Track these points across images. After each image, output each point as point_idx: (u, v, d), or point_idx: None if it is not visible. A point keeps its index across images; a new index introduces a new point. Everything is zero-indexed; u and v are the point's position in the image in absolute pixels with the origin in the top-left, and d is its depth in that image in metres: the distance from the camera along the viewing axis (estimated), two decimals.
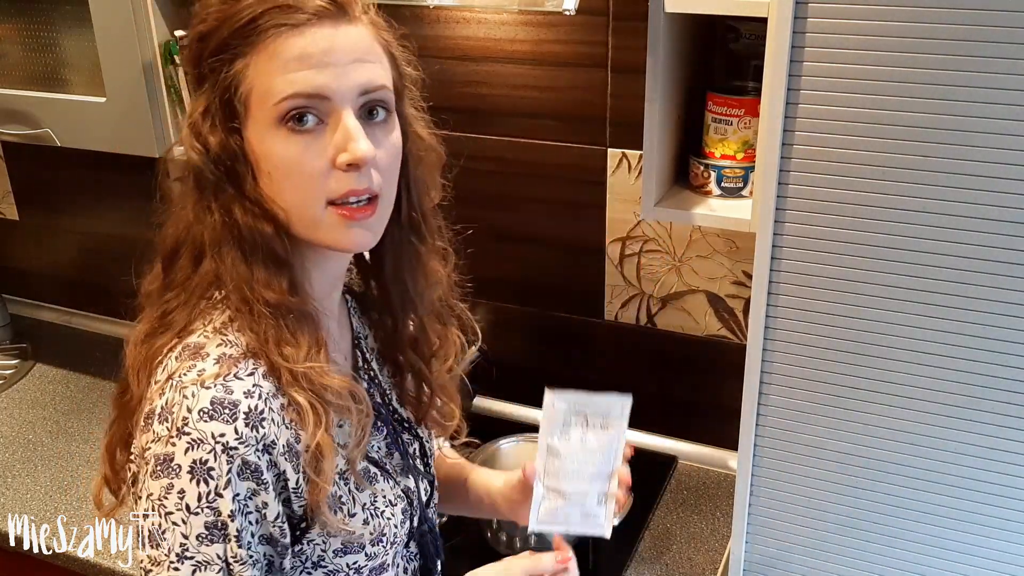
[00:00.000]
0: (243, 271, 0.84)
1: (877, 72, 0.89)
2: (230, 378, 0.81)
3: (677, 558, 1.45)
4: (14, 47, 1.62)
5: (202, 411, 0.79)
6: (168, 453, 0.79)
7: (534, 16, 1.52)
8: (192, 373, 0.81)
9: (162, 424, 0.80)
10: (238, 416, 0.80)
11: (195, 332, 0.85)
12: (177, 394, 0.80)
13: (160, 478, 0.79)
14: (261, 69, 0.80)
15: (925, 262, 0.93)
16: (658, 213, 1.33)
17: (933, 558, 1.04)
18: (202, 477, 0.79)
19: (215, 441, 0.79)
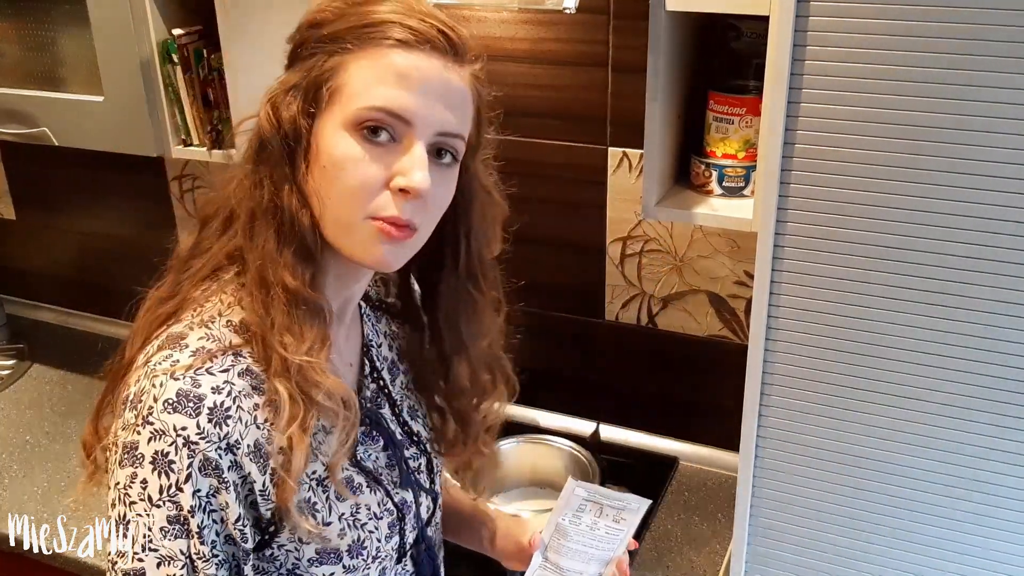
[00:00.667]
0: (272, 251, 0.83)
1: (879, 71, 0.88)
2: (201, 372, 0.80)
3: (678, 559, 1.45)
4: (12, 46, 1.61)
5: (167, 402, 0.79)
6: (133, 441, 0.79)
7: (534, 15, 1.52)
8: (166, 362, 0.81)
9: (131, 411, 0.80)
10: (201, 411, 0.79)
11: (182, 321, 0.85)
12: (148, 382, 0.80)
13: (126, 467, 0.79)
14: (361, 71, 0.81)
15: (927, 262, 0.93)
16: (659, 213, 1.33)
17: (933, 558, 1.04)
18: (163, 469, 0.78)
19: (176, 434, 0.78)
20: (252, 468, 0.82)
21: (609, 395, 1.74)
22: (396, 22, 0.82)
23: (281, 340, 0.82)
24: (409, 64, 0.82)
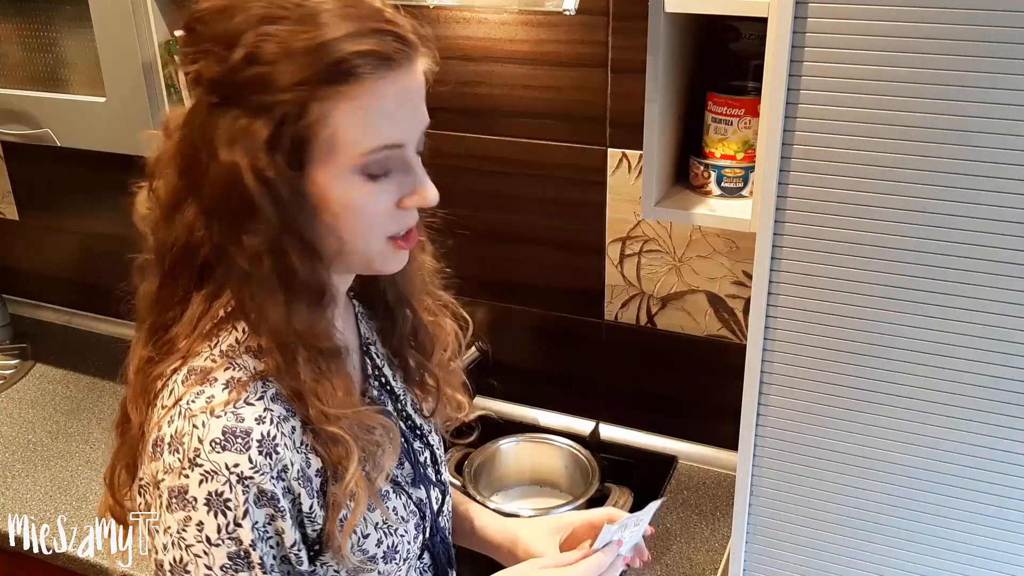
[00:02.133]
0: (281, 313, 0.80)
1: (877, 72, 0.89)
2: (240, 405, 0.79)
3: (677, 558, 1.45)
4: (14, 47, 1.62)
5: (214, 441, 0.77)
6: (182, 485, 0.78)
7: (534, 16, 1.52)
8: (200, 400, 0.79)
9: (173, 455, 0.78)
10: (251, 445, 0.78)
11: (201, 354, 0.83)
12: (187, 423, 0.78)
13: (176, 511, 0.78)
14: (348, 117, 0.77)
15: (925, 262, 0.93)
16: (658, 213, 1.33)
17: (933, 558, 1.04)
18: (219, 509, 0.77)
19: (229, 472, 0.77)
20: (302, 491, 0.82)
21: (609, 395, 1.74)
22: (355, 51, 0.76)
23: (315, 393, 0.82)
24: (388, 91, 0.78)
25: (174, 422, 0.79)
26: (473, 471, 1.48)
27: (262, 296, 0.81)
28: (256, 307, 0.81)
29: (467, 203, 1.71)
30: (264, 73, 0.75)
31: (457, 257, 1.75)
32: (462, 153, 1.67)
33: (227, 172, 0.77)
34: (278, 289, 0.80)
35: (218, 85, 0.77)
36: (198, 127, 0.79)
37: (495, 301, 1.76)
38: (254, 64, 0.75)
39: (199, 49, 0.78)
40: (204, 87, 0.78)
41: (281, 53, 0.75)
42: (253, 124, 0.76)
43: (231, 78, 0.76)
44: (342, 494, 0.83)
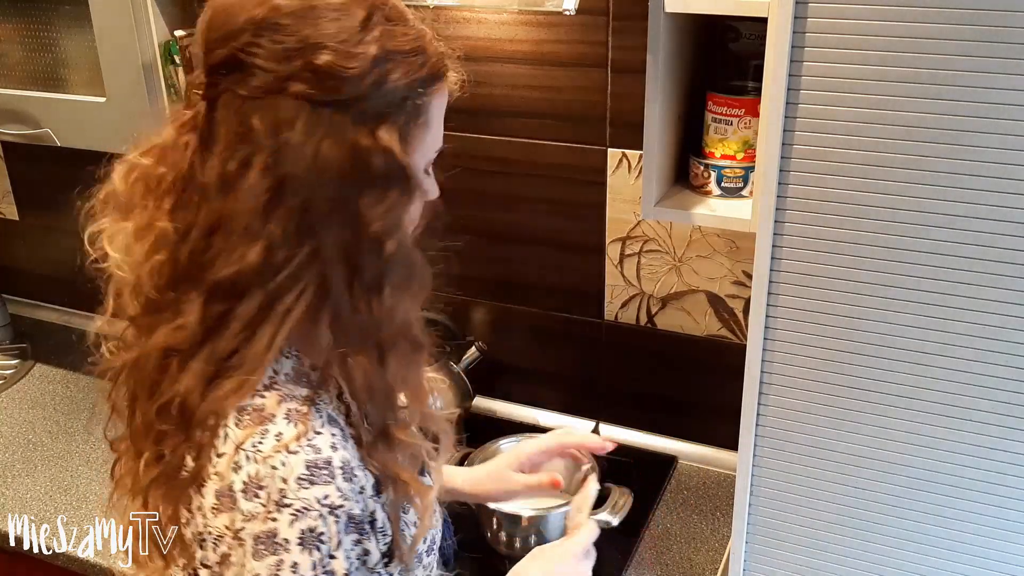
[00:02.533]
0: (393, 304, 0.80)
1: (877, 72, 0.89)
2: (312, 436, 0.78)
3: (677, 558, 1.45)
4: (14, 47, 1.62)
5: (300, 478, 0.76)
6: (270, 530, 0.75)
7: (534, 16, 1.52)
8: (269, 440, 0.77)
9: (252, 501, 0.76)
10: (335, 474, 0.77)
11: (244, 393, 0.79)
12: (262, 466, 0.76)
13: (265, 557, 0.75)
14: (436, 112, 0.84)
15: (925, 262, 0.93)
16: (658, 213, 1.33)
17: (933, 558, 1.04)
18: (313, 546, 0.76)
19: (320, 506, 0.76)
20: (376, 507, 0.82)
21: (609, 394, 1.74)
22: (441, 52, 0.84)
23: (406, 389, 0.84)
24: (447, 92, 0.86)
25: (242, 468, 0.77)
26: None
27: (370, 288, 0.79)
28: (356, 304, 0.79)
29: (467, 203, 1.71)
30: (397, 68, 0.79)
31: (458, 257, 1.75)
32: (462, 153, 1.67)
33: (371, 157, 0.77)
34: (396, 275, 0.80)
35: (345, 81, 0.76)
36: (309, 123, 0.76)
37: (495, 301, 1.76)
38: (388, 60, 0.78)
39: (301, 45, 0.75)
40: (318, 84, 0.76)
41: (408, 50, 0.79)
42: (394, 112, 0.79)
43: (365, 74, 0.77)
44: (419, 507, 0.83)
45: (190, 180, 0.80)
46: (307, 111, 0.76)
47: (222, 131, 0.78)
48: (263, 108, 0.76)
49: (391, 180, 0.78)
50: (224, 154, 0.77)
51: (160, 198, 0.81)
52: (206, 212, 0.78)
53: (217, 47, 0.77)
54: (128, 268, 0.83)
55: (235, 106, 0.77)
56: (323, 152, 0.76)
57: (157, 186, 0.82)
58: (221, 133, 0.78)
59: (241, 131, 0.77)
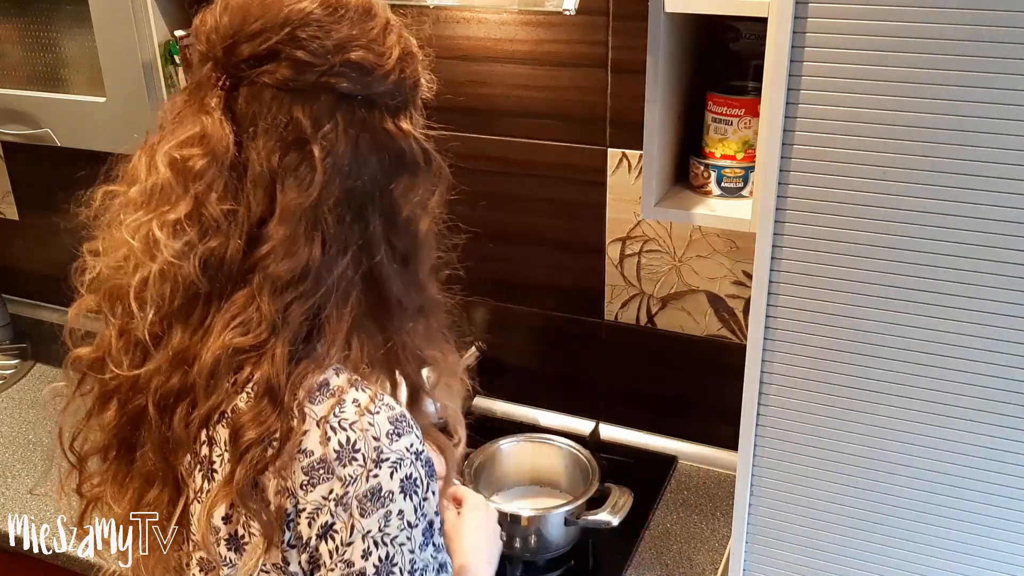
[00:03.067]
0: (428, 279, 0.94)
1: (877, 72, 0.89)
2: (381, 395, 0.84)
3: (677, 558, 1.45)
4: (14, 47, 1.62)
5: (389, 433, 0.81)
6: (373, 486, 0.80)
7: (534, 16, 1.52)
8: (349, 408, 0.81)
9: (349, 466, 0.79)
10: (412, 424, 0.83)
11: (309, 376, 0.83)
12: (352, 432, 0.80)
13: (373, 512, 0.79)
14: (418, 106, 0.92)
15: (925, 262, 0.93)
16: (658, 213, 1.33)
17: (933, 558, 1.04)
18: (411, 492, 0.81)
19: (410, 453, 0.82)
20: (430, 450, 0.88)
21: (609, 394, 1.74)
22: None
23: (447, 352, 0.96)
24: None
25: (332, 438, 0.80)
26: (473, 471, 1.48)
27: (410, 264, 0.88)
28: (401, 281, 0.87)
29: (467, 203, 1.71)
30: (414, 65, 0.88)
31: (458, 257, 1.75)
32: (462, 153, 1.66)
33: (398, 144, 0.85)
34: (427, 249, 0.90)
35: (379, 77, 0.84)
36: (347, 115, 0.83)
37: (495, 301, 1.76)
38: (408, 58, 0.87)
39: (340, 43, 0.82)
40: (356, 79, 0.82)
41: (409, 52, 0.88)
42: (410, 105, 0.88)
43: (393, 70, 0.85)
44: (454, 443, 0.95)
45: (233, 168, 0.82)
46: (344, 104, 0.82)
47: (261, 122, 0.81)
48: (304, 100, 0.81)
49: (419, 165, 0.87)
50: (270, 144, 0.81)
51: (207, 186, 0.82)
52: (257, 202, 0.82)
53: (248, 40, 0.81)
54: (170, 256, 0.82)
55: (266, 97, 0.81)
56: (362, 142, 0.83)
57: (201, 175, 0.82)
58: (260, 124, 0.81)
59: (284, 123, 0.81)
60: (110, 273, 0.87)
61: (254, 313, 0.81)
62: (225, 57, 0.82)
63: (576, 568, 1.45)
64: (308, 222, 0.81)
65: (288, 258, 0.81)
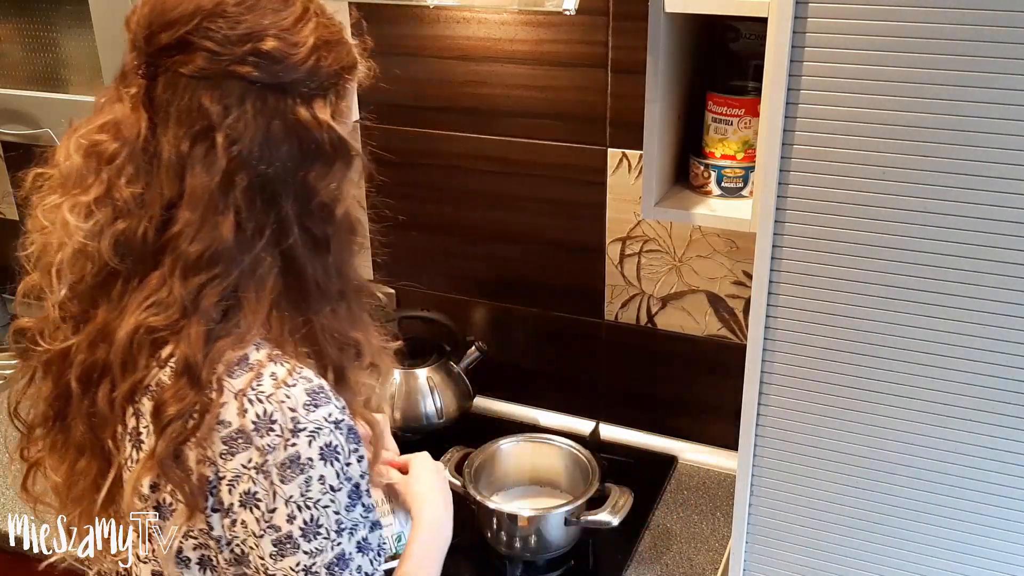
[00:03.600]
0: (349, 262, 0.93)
1: (877, 72, 0.89)
2: (300, 368, 0.86)
3: (677, 558, 1.45)
4: (14, 47, 1.62)
5: (306, 404, 0.84)
6: (291, 455, 0.83)
7: (534, 16, 1.52)
8: (267, 381, 0.84)
9: (267, 436, 0.83)
10: (330, 394, 0.86)
11: (225, 351, 0.86)
12: (268, 404, 0.83)
13: (294, 479, 0.83)
14: (350, 96, 0.92)
15: (925, 262, 0.93)
16: (658, 213, 1.33)
17: (933, 558, 1.04)
18: (332, 458, 0.84)
19: (328, 422, 0.84)
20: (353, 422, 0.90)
21: (609, 394, 1.74)
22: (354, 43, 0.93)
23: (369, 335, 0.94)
24: None
25: (248, 411, 0.83)
26: (473, 471, 1.48)
27: (326, 249, 0.89)
28: (316, 265, 0.88)
29: (467, 203, 1.71)
30: (331, 56, 0.87)
31: (458, 257, 1.76)
32: (462, 153, 1.67)
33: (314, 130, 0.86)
34: (344, 236, 0.91)
35: (290, 67, 0.84)
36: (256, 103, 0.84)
37: (495, 301, 1.76)
38: (324, 48, 0.86)
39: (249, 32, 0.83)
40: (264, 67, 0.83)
41: (337, 41, 0.88)
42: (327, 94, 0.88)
43: (306, 60, 0.85)
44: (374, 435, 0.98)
45: (144, 153, 0.86)
46: (254, 92, 0.83)
47: (172, 109, 0.84)
48: (212, 88, 0.83)
49: (333, 153, 0.87)
50: (179, 131, 0.84)
51: (118, 169, 0.87)
52: (167, 187, 0.85)
53: (164, 31, 0.84)
54: (80, 237, 0.88)
55: (180, 85, 0.84)
56: (272, 129, 0.84)
57: (113, 158, 0.87)
58: (172, 111, 0.84)
59: (193, 110, 0.83)
60: (40, 251, 0.93)
61: (166, 294, 0.85)
62: (145, 46, 0.85)
63: (576, 568, 1.45)
64: (217, 206, 0.83)
65: (198, 241, 0.84)
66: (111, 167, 0.87)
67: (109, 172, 0.87)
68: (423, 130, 1.67)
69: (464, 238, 1.74)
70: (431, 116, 1.66)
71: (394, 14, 1.62)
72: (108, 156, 0.87)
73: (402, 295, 1.85)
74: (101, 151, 0.88)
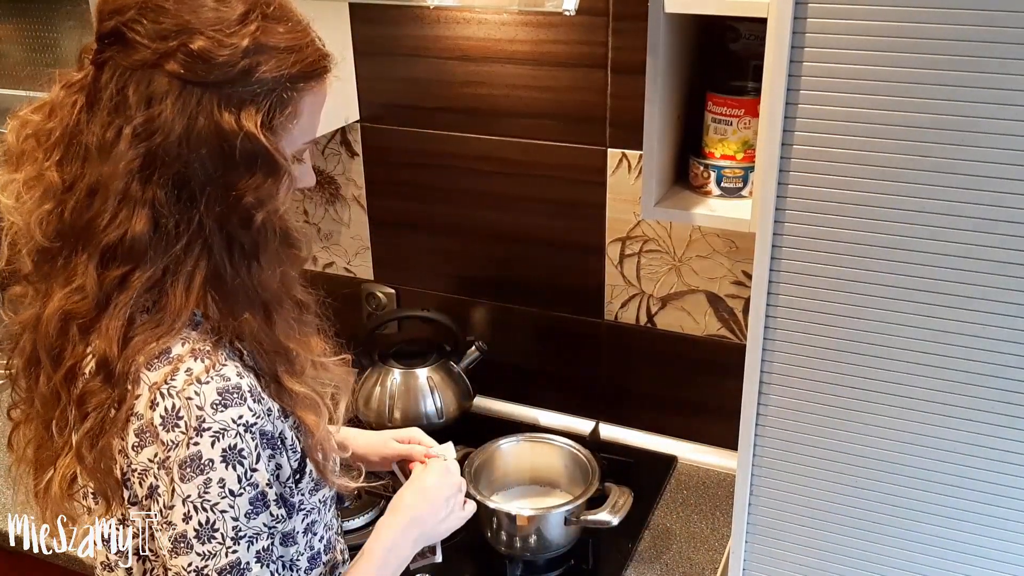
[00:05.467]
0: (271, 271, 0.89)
1: (877, 72, 0.89)
2: (219, 367, 0.85)
3: (677, 557, 1.46)
4: (14, 47, 1.62)
5: (214, 403, 0.83)
6: (193, 453, 0.83)
7: (534, 16, 1.52)
8: (180, 376, 0.84)
9: (172, 431, 0.83)
10: (245, 396, 0.85)
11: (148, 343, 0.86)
12: (177, 399, 0.83)
13: (193, 479, 0.83)
14: (308, 109, 0.89)
15: (925, 262, 0.93)
16: (658, 213, 1.33)
17: (933, 558, 1.05)
18: (235, 462, 0.83)
19: (236, 425, 0.84)
20: (283, 427, 0.89)
21: (608, 394, 1.75)
22: (321, 54, 0.89)
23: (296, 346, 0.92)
24: (326, 92, 0.92)
25: (159, 404, 0.83)
26: (473, 471, 1.48)
27: (247, 256, 0.87)
28: (237, 270, 0.86)
29: (467, 203, 1.71)
30: (268, 61, 0.84)
31: (458, 257, 1.76)
32: (462, 153, 1.67)
33: (236, 138, 0.83)
34: (277, 250, 0.88)
35: (216, 66, 0.82)
36: (179, 101, 0.82)
37: (495, 301, 1.77)
38: (261, 52, 0.84)
39: (178, 28, 0.82)
40: (190, 66, 0.82)
41: (282, 47, 0.85)
42: (259, 100, 0.84)
43: (235, 62, 0.83)
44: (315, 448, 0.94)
45: (74, 137, 0.86)
46: (178, 89, 0.82)
47: (104, 96, 0.84)
48: (137, 80, 0.83)
49: (255, 161, 0.85)
50: (103, 119, 0.84)
51: (49, 151, 0.87)
52: (88, 172, 0.85)
53: (106, 19, 0.84)
54: (19, 216, 0.89)
55: (116, 74, 0.84)
56: (193, 128, 0.82)
57: (46, 140, 0.88)
58: (103, 98, 0.84)
59: (118, 99, 0.83)
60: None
61: (85, 281, 0.85)
62: (96, 33, 0.86)
63: (576, 568, 1.45)
64: (133, 197, 0.83)
65: (113, 229, 0.84)
66: (39, 149, 0.88)
67: (37, 154, 0.88)
68: (423, 130, 1.67)
69: (464, 238, 1.74)
70: (431, 116, 1.66)
71: (394, 14, 1.62)
72: (37, 138, 0.88)
73: (402, 295, 1.85)
74: (31, 133, 0.89)
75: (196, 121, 0.82)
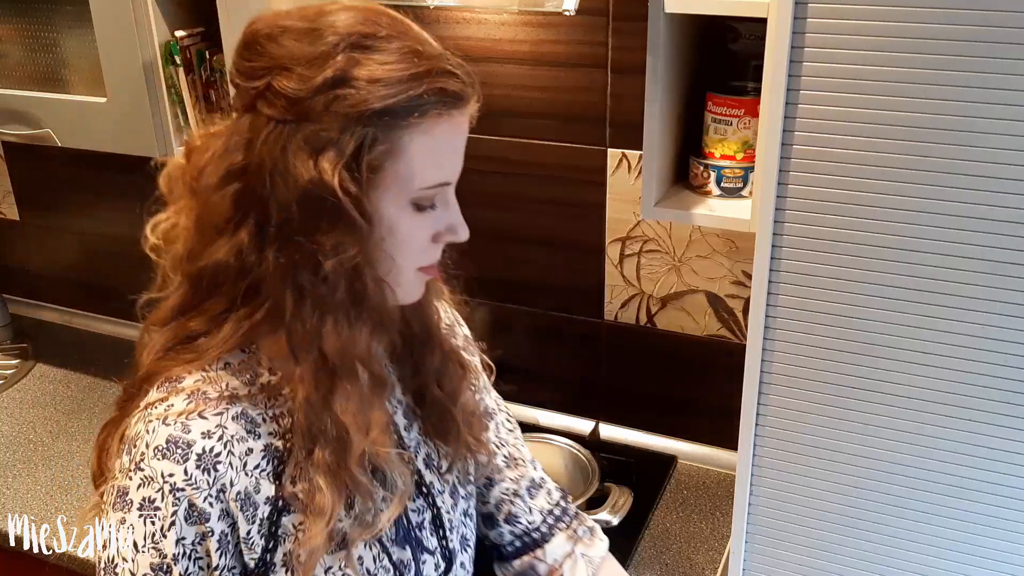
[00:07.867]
0: (345, 336, 0.80)
1: (877, 72, 0.89)
2: (193, 417, 0.81)
3: (677, 558, 1.46)
4: (15, 47, 1.62)
5: (157, 448, 0.79)
6: (125, 486, 0.80)
7: (534, 16, 1.52)
8: (160, 407, 0.82)
9: (127, 455, 0.82)
10: (189, 457, 0.79)
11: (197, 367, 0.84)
12: (143, 426, 0.81)
13: (117, 511, 0.80)
14: (419, 151, 0.79)
15: (925, 262, 0.93)
16: (658, 213, 1.33)
17: (933, 558, 1.05)
18: (149, 516, 0.79)
19: (163, 481, 0.79)
20: (239, 516, 0.82)
21: (608, 394, 1.75)
22: (436, 87, 0.78)
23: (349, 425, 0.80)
24: (452, 130, 0.82)
25: (137, 424, 0.82)
26: None
27: (326, 318, 0.79)
28: (312, 330, 0.79)
29: (467, 203, 1.71)
30: (351, 95, 0.75)
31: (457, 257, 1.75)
32: None
33: (312, 185, 0.76)
34: (349, 310, 0.80)
35: (297, 103, 0.76)
36: (267, 143, 0.77)
37: (495, 301, 1.77)
38: (343, 86, 0.75)
39: (268, 66, 0.77)
40: (276, 104, 0.77)
41: (370, 78, 0.76)
42: (340, 140, 0.76)
43: (314, 97, 0.75)
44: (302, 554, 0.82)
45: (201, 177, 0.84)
46: (269, 129, 0.77)
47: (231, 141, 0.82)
48: (240, 123, 0.80)
49: (329, 211, 0.77)
50: (217, 162, 0.81)
51: (189, 196, 0.85)
52: (196, 212, 0.83)
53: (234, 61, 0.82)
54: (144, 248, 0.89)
55: (233, 119, 0.82)
56: (277, 171, 0.77)
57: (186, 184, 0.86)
58: (231, 144, 0.82)
59: (229, 143, 0.81)
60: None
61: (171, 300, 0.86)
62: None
63: None
64: (221, 232, 0.80)
65: (202, 260, 0.82)
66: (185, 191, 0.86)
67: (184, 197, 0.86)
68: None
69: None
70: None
71: None
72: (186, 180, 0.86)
73: None
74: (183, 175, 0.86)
75: (283, 162, 0.76)
